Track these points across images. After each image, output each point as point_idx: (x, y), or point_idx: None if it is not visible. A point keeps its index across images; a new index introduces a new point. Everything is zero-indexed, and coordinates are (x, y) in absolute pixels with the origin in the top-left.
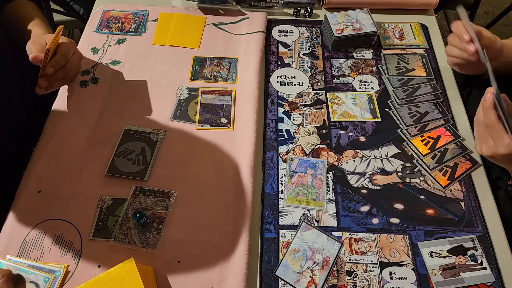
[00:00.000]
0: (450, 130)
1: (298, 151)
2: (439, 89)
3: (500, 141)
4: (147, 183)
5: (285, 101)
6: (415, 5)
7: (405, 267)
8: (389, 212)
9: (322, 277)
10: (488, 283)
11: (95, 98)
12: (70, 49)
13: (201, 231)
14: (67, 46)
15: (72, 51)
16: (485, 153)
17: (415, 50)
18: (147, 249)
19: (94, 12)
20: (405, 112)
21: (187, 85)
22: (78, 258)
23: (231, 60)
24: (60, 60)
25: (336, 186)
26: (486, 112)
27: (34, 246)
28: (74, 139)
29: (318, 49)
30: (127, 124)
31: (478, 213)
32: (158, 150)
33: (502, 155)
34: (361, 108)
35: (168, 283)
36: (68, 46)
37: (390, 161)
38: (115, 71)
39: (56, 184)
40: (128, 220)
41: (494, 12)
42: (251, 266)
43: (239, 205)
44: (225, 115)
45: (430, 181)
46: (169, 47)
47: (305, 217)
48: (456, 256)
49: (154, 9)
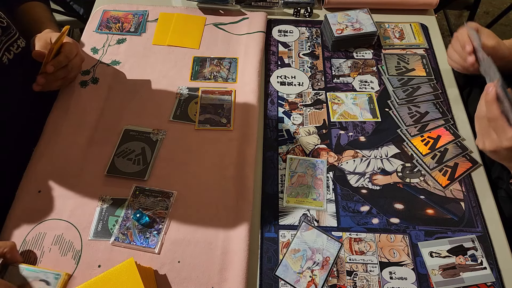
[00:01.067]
0: (450, 130)
1: (298, 151)
2: (439, 89)
3: (503, 134)
4: (147, 183)
5: (285, 101)
6: (415, 5)
7: (405, 267)
8: (389, 212)
9: (322, 277)
10: (488, 283)
11: (95, 98)
12: (73, 50)
13: (201, 231)
14: (70, 46)
15: (74, 52)
16: (488, 147)
17: (415, 50)
18: (147, 249)
19: (94, 12)
20: (405, 112)
21: (187, 85)
22: (78, 258)
23: (231, 60)
24: (62, 60)
25: (336, 186)
26: (489, 105)
27: (34, 246)
28: (74, 139)
29: (318, 49)
30: (127, 124)
31: (478, 213)
32: (158, 150)
33: (506, 149)
34: (361, 108)
35: (168, 283)
36: (71, 47)
37: (390, 161)
38: (115, 71)
39: (56, 184)
40: (128, 220)
41: (494, 12)
42: (251, 266)
43: (239, 205)
44: (225, 115)
45: (430, 181)
46: (169, 47)
47: (305, 217)
48: (456, 256)
49: (154, 9)
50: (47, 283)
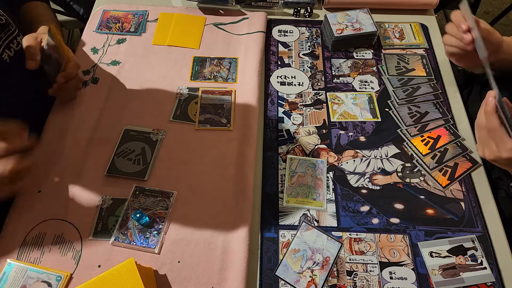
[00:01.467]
0: (450, 130)
1: (298, 151)
2: (439, 89)
3: (503, 145)
4: (147, 183)
5: (285, 101)
6: (415, 5)
7: (405, 267)
8: (389, 212)
9: (322, 277)
10: (488, 283)
11: (95, 98)
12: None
13: (201, 231)
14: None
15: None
16: (488, 157)
17: (415, 50)
18: (147, 249)
19: (94, 12)
20: (405, 112)
21: (187, 85)
22: (78, 258)
23: (231, 60)
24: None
25: (336, 186)
26: (488, 117)
27: (34, 246)
28: (74, 139)
29: (318, 49)
30: (127, 124)
31: (478, 213)
32: (158, 150)
33: (505, 159)
34: (361, 108)
35: (168, 283)
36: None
37: (390, 161)
38: (115, 71)
39: (56, 184)
40: (128, 220)
41: (494, 12)
42: (251, 266)
43: (239, 205)
44: (225, 115)
45: (430, 181)
46: (169, 47)
47: (305, 217)
48: (456, 256)
49: (154, 9)
50: (48, 284)
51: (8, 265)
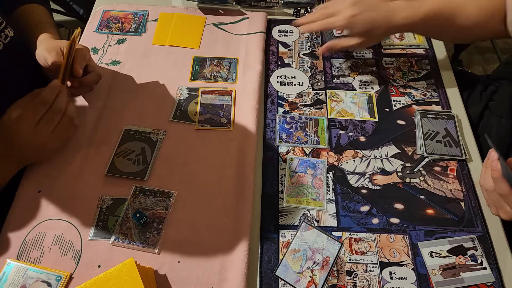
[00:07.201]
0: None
1: (298, 151)
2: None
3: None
4: (147, 183)
5: (285, 101)
6: None
7: (405, 267)
8: (389, 212)
9: (322, 277)
10: (488, 283)
11: (95, 98)
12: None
13: (201, 231)
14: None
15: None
16: (504, 218)
17: (415, 50)
18: (147, 249)
19: (94, 12)
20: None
21: (187, 85)
22: (78, 258)
23: (231, 60)
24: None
25: (336, 186)
26: (497, 182)
27: (34, 246)
28: (74, 139)
29: (318, 49)
30: (127, 124)
31: (478, 213)
32: (158, 150)
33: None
34: (359, 107)
35: (168, 283)
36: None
37: (390, 161)
38: (115, 71)
39: (56, 184)
40: (128, 220)
41: None
42: (251, 266)
43: (239, 205)
44: (225, 115)
45: (430, 181)
46: (169, 47)
47: (305, 217)
48: (456, 256)
49: (154, 9)
50: (48, 284)
51: (7, 265)
